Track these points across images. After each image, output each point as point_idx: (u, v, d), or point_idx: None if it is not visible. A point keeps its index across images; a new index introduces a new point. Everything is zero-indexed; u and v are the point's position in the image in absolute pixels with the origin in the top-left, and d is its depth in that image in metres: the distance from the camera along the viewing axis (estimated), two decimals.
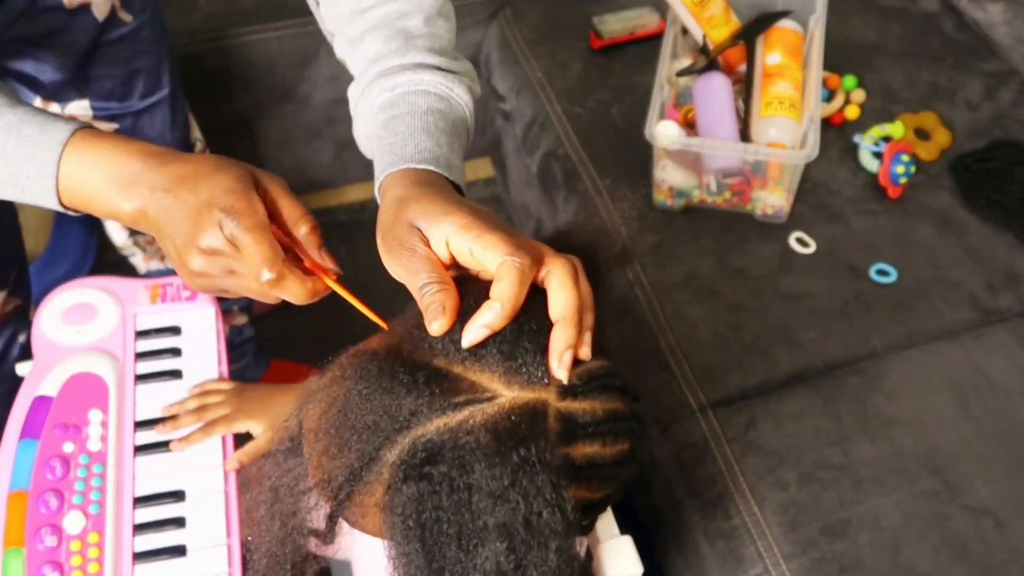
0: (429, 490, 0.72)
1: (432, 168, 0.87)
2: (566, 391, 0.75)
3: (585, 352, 0.76)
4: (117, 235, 1.77)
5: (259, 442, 1.26)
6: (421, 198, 0.80)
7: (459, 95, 0.96)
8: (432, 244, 0.77)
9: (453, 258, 0.77)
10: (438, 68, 0.96)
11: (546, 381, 0.74)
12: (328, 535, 0.83)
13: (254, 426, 1.26)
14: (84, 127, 0.86)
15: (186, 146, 1.70)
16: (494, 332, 0.74)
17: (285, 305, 0.85)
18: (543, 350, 0.75)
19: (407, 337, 0.79)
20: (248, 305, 1.98)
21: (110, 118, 1.53)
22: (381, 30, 0.98)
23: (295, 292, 0.83)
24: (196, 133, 1.75)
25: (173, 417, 1.23)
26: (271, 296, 0.83)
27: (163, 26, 1.56)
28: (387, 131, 0.91)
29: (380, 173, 0.88)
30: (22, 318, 1.54)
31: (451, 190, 0.85)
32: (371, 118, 0.96)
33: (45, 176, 0.84)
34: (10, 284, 1.49)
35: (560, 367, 0.74)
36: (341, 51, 1.06)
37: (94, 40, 1.41)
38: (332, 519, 0.81)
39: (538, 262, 0.75)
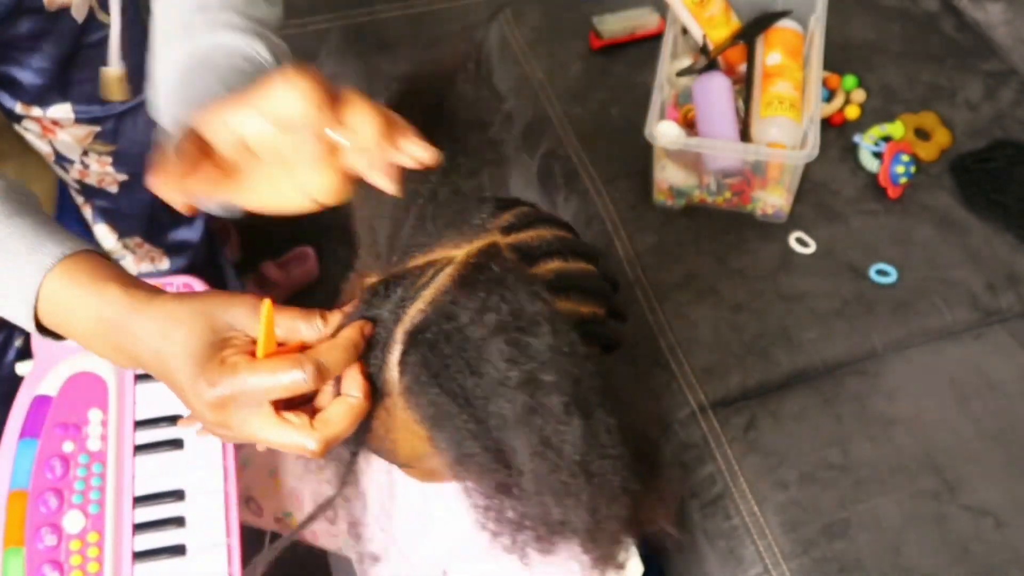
0: (428, 349, 0.76)
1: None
2: (508, 228, 0.81)
3: (419, 150, 0.78)
4: (106, 239, 1.76)
5: None
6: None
7: (259, 51, 0.97)
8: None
9: None
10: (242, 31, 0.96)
11: (486, 227, 0.80)
12: (348, 473, 0.86)
13: None
14: (82, 251, 0.83)
15: None
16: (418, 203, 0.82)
17: (287, 303, 0.85)
18: (464, 208, 0.81)
19: (356, 281, 0.83)
20: None
21: (92, 121, 1.52)
22: None
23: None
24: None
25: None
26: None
27: (143, 28, 1.55)
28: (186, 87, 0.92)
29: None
30: None
31: None
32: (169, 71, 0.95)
33: (22, 303, 0.81)
34: None
35: (388, 180, 0.77)
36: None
37: (75, 42, 1.41)
38: (354, 454, 0.84)
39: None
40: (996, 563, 1.39)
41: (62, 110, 1.49)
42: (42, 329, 0.83)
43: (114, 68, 1.41)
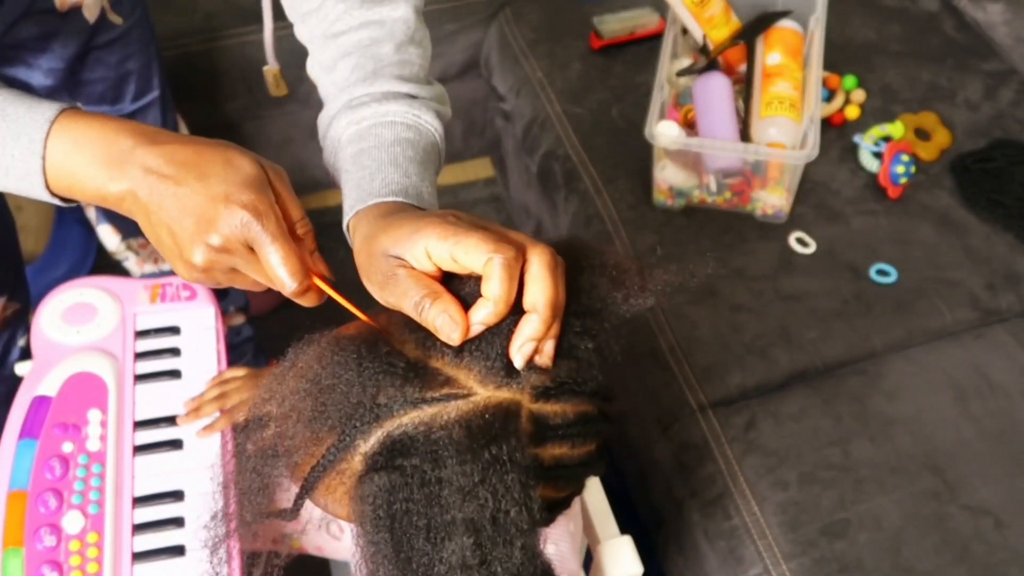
0: (401, 482, 0.72)
1: (399, 199, 0.86)
2: (540, 394, 0.76)
3: (545, 357, 0.76)
4: (109, 240, 1.76)
5: None
6: (388, 227, 0.79)
7: (427, 121, 0.94)
8: (415, 265, 0.76)
9: (440, 271, 0.76)
10: (406, 95, 0.95)
11: (521, 383, 0.75)
12: (292, 513, 0.84)
13: None
14: (73, 107, 0.84)
15: None
16: (488, 328, 0.74)
17: (284, 305, 0.85)
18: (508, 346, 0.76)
19: (388, 327, 0.79)
20: (245, 305, 1.98)
21: None
22: (353, 57, 0.97)
23: (310, 300, 0.83)
24: (184, 131, 1.74)
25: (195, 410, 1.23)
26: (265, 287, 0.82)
27: (152, 28, 1.55)
28: (355, 166, 0.90)
29: (348, 211, 0.88)
30: (21, 322, 1.54)
31: (419, 211, 0.85)
32: (339, 151, 0.95)
33: (32, 155, 0.82)
34: (9, 288, 1.48)
35: (518, 354, 0.74)
36: (313, 72, 1.04)
37: (85, 43, 1.41)
38: (299, 499, 0.81)
39: (522, 252, 0.74)
40: (996, 563, 1.39)
41: None
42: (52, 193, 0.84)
43: (272, 65, 1.40)
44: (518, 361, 0.74)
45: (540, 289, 0.73)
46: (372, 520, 0.73)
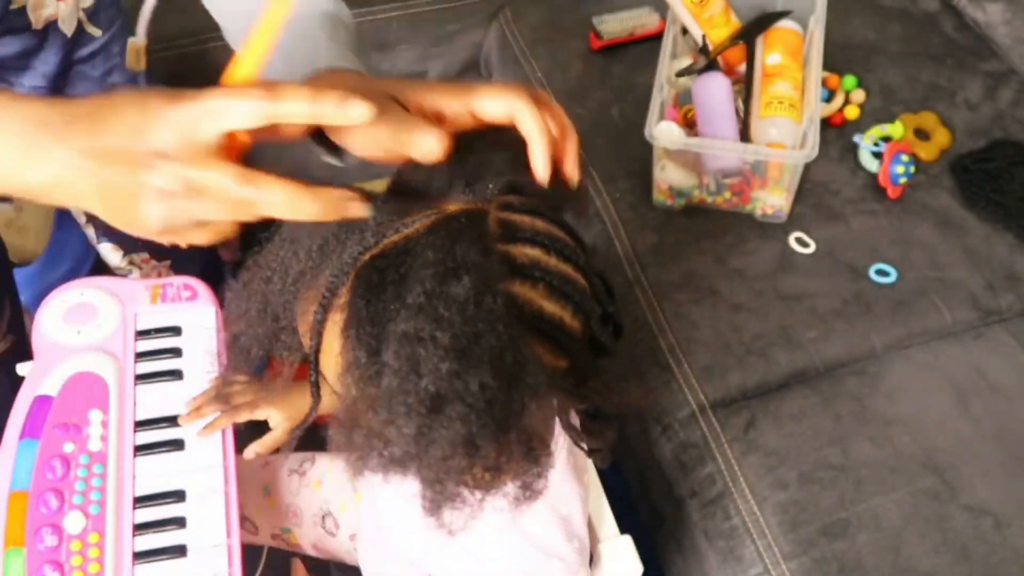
0: (375, 273, 0.76)
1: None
2: (507, 206, 0.79)
3: (571, 168, 0.82)
4: (111, 257, 1.75)
5: (276, 433, 1.27)
6: (392, 84, 0.81)
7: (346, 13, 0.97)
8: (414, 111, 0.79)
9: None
10: None
11: (487, 198, 0.79)
12: (313, 385, 0.86)
13: (275, 414, 1.27)
14: None
15: None
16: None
17: None
18: (481, 174, 0.80)
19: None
20: None
21: None
22: None
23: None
24: None
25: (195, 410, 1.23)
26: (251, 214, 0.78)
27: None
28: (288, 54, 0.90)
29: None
30: (17, 356, 1.53)
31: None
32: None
33: None
34: (4, 321, 1.47)
35: (543, 171, 0.79)
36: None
37: (66, 58, 1.39)
38: (314, 361, 0.83)
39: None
40: (996, 563, 1.40)
41: None
42: None
43: (140, 39, 1.39)
44: (543, 175, 0.81)
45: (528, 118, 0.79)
46: (353, 305, 0.76)
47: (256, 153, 0.86)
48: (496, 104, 0.79)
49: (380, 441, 0.76)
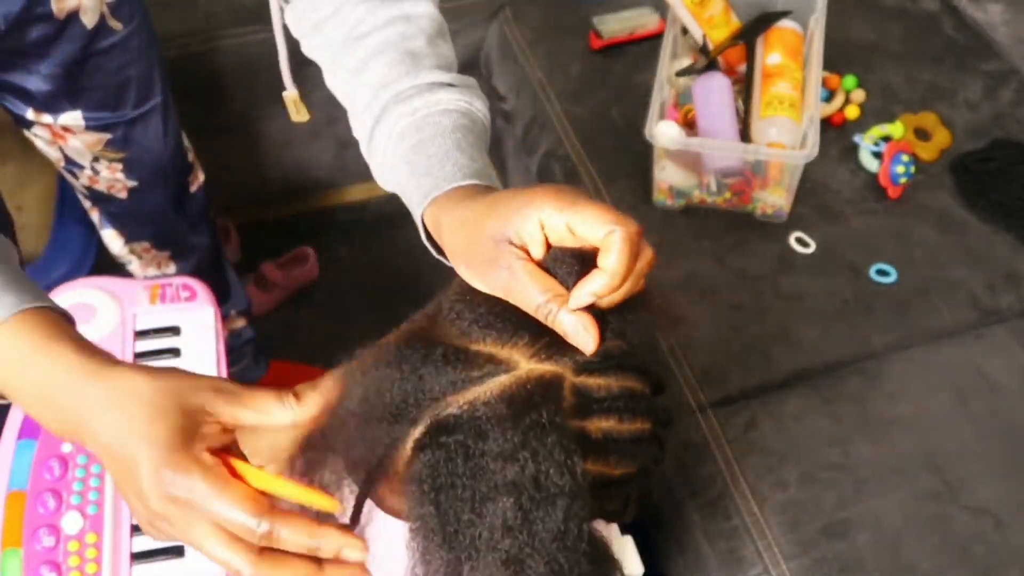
0: (444, 456, 0.72)
1: (478, 182, 0.84)
2: (583, 367, 0.75)
3: (605, 301, 0.75)
4: (113, 243, 1.76)
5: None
6: (493, 206, 0.76)
7: (478, 108, 0.94)
8: (529, 245, 0.74)
9: (548, 246, 0.75)
10: (452, 85, 0.94)
11: (565, 358, 0.75)
12: (354, 518, 0.84)
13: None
14: (41, 307, 0.77)
15: (179, 153, 1.69)
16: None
17: (284, 305, 0.85)
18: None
19: (429, 323, 0.79)
20: (247, 308, 1.98)
21: (103, 128, 1.52)
22: (386, 54, 0.96)
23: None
24: (186, 142, 1.74)
25: None
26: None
27: (153, 33, 1.54)
28: (417, 156, 0.88)
29: (423, 199, 0.85)
30: None
31: (519, 188, 0.81)
32: (393, 147, 0.92)
33: None
34: None
35: (576, 301, 0.73)
36: (339, 78, 1.02)
37: (84, 49, 1.40)
38: (359, 501, 0.81)
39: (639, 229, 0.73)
40: (996, 563, 1.39)
41: (72, 117, 1.48)
42: None
43: (290, 91, 1.40)
44: (574, 302, 0.73)
45: (617, 255, 0.71)
46: (418, 496, 0.73)
47: (258, 152, 0.86)
48: (596, 228, 0.72)
49: None
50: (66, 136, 1.51)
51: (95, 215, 1.72)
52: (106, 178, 1.60)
